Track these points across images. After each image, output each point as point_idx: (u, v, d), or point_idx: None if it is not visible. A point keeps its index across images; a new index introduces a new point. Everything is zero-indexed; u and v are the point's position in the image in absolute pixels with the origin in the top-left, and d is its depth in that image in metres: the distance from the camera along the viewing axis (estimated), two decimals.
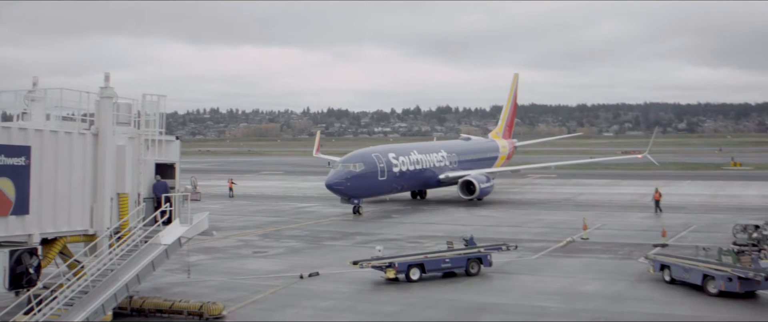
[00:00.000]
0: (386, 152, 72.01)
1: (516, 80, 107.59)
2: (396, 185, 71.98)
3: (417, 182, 76.20)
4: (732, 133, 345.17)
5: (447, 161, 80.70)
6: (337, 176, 66.01)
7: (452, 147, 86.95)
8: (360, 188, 66.58)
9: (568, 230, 53.28)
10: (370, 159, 68.71)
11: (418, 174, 74.91)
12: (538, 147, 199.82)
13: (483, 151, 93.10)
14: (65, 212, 29.23)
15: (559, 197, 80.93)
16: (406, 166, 72.54)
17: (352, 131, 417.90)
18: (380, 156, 69.89)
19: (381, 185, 69.27)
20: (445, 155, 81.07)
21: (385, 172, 69.00)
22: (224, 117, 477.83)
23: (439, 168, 78.85)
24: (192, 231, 31.41)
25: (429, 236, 51.66)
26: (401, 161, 72.14)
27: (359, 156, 69.48)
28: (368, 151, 72.18)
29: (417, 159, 75.17)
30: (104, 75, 31.69)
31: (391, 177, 69.79)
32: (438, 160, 79.32)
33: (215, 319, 29.64)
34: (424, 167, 76.21)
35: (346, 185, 65.55)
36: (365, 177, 66.79)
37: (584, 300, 32.06)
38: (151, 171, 32.70)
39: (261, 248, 48.03)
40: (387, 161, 69.90)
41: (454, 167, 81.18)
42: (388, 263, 36.28)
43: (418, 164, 75.13)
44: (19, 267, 26.27)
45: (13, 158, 26.78)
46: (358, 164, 67.01)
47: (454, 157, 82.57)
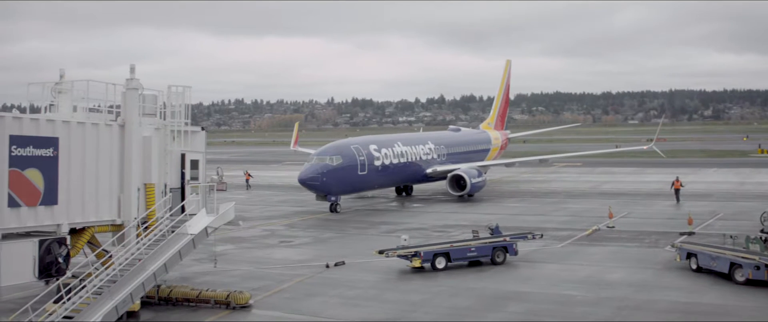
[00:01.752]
0: (367, 144, 65.83)
1: (508, 67, 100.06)
2: (378, 180, 66.36)
3: (401, 176, 70.45)
4: (758, 120, 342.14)
5: (435, 154, 74.82)
6: (311, 171, 60.05)
7: (440, 139, 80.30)
8: (337, 184, 60.82)
9: (593, 219, 53.11)
10: (349, 151, 62.66)
11: (402, 168, 68.99)
12: (560, 135, 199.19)
13: (474, 144, 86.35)
14: (93, 202, 29.52)
15: (584, 185, 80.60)
16: (389, 159, 66.59)
17: (376, 121, 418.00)
18: (360, 148, 63.91)
19: (361, 181, 63.40)
20: (432, 148, 75.03)
21: (366, 166, 63.03)
22: (249, 108, 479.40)
23: (426, 162, 72.95)
24: (218, 221, 31.63)
25: (455, 225, 51.67)
26: (384, 153, 66.18)
27: (336, 148, 63.39)
28: (347, 142, 66.99)
29: (401, 152, 69.09)
30: (130, 67, 31.94)
31: (372, 171, 63.95)
32: (424, 152, 73.27)
33: (242, 308, 29.81)
34: (410, 161, 70.16)
35: (321, 180, 59.64)
36: (343, 171, 60.87)
37: (610, 289, 31.96)
38: (177, 162, 32.88)
39: (287, 238, 48.21)
40: (368, 154, 63.88)
41: (443, 161, 75.35)
42: (413, 252, 36.33)
43: (403, 157, 69.02)
44: (48, 256, 26.57)
45: (41, 150, 27.06)
46: (335, 157, 60.87)
47: (442, 150, 76.50)
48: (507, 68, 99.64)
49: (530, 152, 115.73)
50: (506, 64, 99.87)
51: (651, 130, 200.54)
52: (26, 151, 26.48)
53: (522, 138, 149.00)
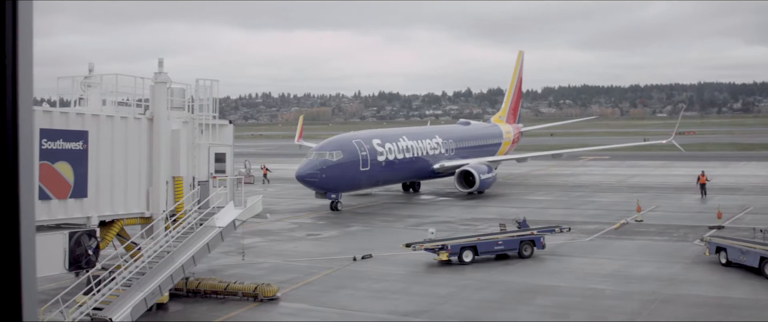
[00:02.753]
0: (370, 138, 62.27)
1: (520, 58, 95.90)
2: (381, 177, 62.72)
3: (407, 172, 66.98)
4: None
5: (442, 149, 70.99)
6: (309, 166, 56.87)
7: (448, 133, 76.75)
8: (337, 181, 57.43)
9: (621, 212, 52.80)
10: (350, 146, 59.17)
11: (408, 164, 65.49)
12: (589, 128, 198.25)
13: (484, 138, 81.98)
14: (122, 195, 29.76)
15: (611, 179, 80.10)
16: (393, 154, 63.07)
17: (403, 114, 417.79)
18: (362, 143, 60.24)
19: (363, 177, 59.77)
20: (439, 142, 71.15)
21: (368, 161, 59.40)
22: (276, 101, 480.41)
23: (434, 157, 69.30)
24: (246, 214, 31.79)
25: (482, 219, 51.57)
26: (388, 148, 62.67)
27: (337, 143, 60.17)
28: (348, 136, 63.28)
29: (407, 146, 65.52)
30: (158, 61, 32.16)
31: (375, 167, 60.34)
32: (432, 147, 69.51)
33: (270, 300, 29.94)
34: (416, 156, 66.60)
35: (320, 176, 56.19)
36: (344, 167, 57.40)
37: (639, 283, 31.79)
38: (205, 155, 33.03)
39: (314, 231, 48.33)
40: (370, 149, 60.37)
41: (451, 156, 71.57)
42: (440, 245, 36.31)
43: (409, 152, 65.42)
44: (78, 249, 26.81)
45: (71, 143, 27.29)
46: (336, 152, 57.47)
47: (450, 145, 72.70)
48: (519, 59, 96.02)
49: (547, 146, 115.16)
50: (518, 55, 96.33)
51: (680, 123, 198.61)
52: (56, 145, 26.70)
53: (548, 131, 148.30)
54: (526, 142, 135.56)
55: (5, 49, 2.30)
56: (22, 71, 2.33)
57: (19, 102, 2.32)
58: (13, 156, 2.30)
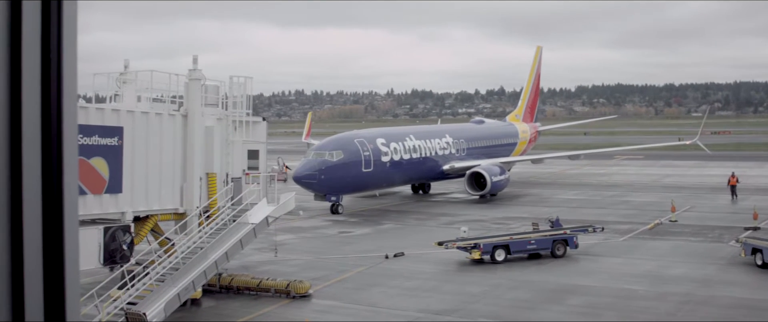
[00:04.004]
0: (374, 138, 58.99)
1: (538, 54, 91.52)
2: (386, 178, 59.45)
3: (414, 173, 63.66)
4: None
5: (453, 149, 67.35)
6: (307, 167, 53.88)
7: (460, 132, 72.87)
8: (337, 182, 54.30)
9: (655, 213, 52.36)
10: (352, 146, 56.01)
11: (415, 165, 62.15)
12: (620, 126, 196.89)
13: (498, 137, 78.01)
14: (156, 191, 29.97)
15: (645, 178, 79.50)
16: (399, 154, 59.71)
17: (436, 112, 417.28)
18: (365, 142, 57.06)
19: (366, 178, 56.51)
20: (450, 142, 67.47)
21: (371, 162, 56.08)
22: (309, 99, 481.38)
23: (443, 157, 65.77)
24: (279, 211, 31.94)
25: (514, 217, 51.41)
26: (393, 148, 59.27)
27: (338, 142, 56.85)
28: (350, 135, 59.78)
29: (414, 146, 62.08)
30: (193, 58, 32.31)
31: (379, 168, 56.99)
32: (441, 147, 65.93)
33: (302, 297, 30.04)
34: (424, 156, 63.15)
35: (318, 178, 53.04)
36: (344, 168, 54.32)
37: (673, 284, 31.54)
38: (239, 151, 33.18)
39: (347, 228, 48.41)
40: (374, 149, 57.15)
41: (462, 156, 67.83)
42: (473, 244, 36.24)
43: (416, 152, 62.01)
44: (113, 244, 27.04)
45: (106, 139, 27.51)
46: (336, 152, 54.39)
47: (461, 144, 68.94)
48: (537, 55, 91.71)
49: (581, 145, 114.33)
50: (536, 51, 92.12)
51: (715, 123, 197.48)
52: (92, 140, 26.93)
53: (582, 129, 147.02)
54: (559, 140, 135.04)
55: (50, 48, 2.32)
56: (67, 70, 2.35)
57: (63, 100, 2.35)
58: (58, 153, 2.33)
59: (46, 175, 2.36)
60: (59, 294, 2.42)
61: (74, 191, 2.44)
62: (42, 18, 2.36)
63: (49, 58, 2.37)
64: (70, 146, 2.40)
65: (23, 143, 2.32)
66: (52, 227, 2.39)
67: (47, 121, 2.35)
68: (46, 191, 2.37)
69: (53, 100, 2.37)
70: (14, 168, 2.31)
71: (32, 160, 2.34)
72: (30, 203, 2.33)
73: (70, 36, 2.40)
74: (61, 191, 2.38)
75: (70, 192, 2.41)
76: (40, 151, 2.36)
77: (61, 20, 2.37)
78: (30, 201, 2.33)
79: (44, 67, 2.37)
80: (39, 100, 2.37)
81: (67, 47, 2.39)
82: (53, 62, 2.37)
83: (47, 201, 2.36)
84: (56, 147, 2.36)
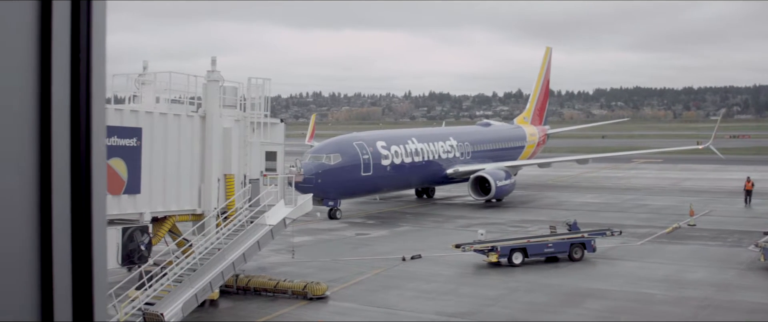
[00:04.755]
0: (374, 141, 57.09)
1: (548, 55, 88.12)
2: (385, 182, 57.57)
3: (416, 178, 61.72)
4: None
5: (457, 152, 65.39)
6: (304, 171, 50.16)
7: (464, 135, 70.28)
8: (335, 186, 52.64)
9: (674, 216, 52.12)
10: (351, 149, 54.32)
11: (417, 168, 60.23)
12: (639, 129, 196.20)
13: (505, 140, 75.62)
14: (174, 192, 30.06)
15: (664, 182, 79.14)
16: (400, 157, 57.80)
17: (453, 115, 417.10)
18: (364, 145, 55.26)
19: (364, 182, 54.82)
20: (454, 145, 65.36)
21: (371, 165, 54.44)
22: (326, 101, 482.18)
23: (447, 161, 63.73)
24: (296, 212, 32.01)
25: (532, 221, 51.29)
26: (394, 151, 57.37)
27: (336, 145, 55.34)
28: (349, 138, 57.99)
29: (416, 149, 60.07)
30: (211, 59, 32.40)
31: (378, 172, 55.21)
32: (445, 150, 63.88)
33: (319, 299, 30.05)
34: (427, 160, 61.26)
35: (315, 181, 50.24)
36: (342, 172, 52.80)
37: (691, 288, 31.39)
38: (256, 153, 33.24)
39: (364, 231, 48.42)
40: (374, 152, 55.33)
41: (467, 160, 66.01)
42: (490, 246, 36.16)
43: (418, 156, 60.13)
44: (131, 244, 27.13)
45: (125, 139, 27.61)
46: (334, 155, 52.88)
47: (466, 148, 66.87)
48: (546, 56, 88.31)
49: (599, 148, 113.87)
50: (545, 52, 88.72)
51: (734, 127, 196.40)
52: (111, 141, 27.03)
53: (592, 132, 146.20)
54: (576, 143, 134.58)
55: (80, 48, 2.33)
56: (96, 71, 2.35)
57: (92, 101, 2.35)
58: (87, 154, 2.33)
59: (75, 175, 2.36)
60: (87, 294, 2.43)
61: (102, 192, 2.45)
62: (71, 18, 2.36)
63: (79, 59, 2.37)
64: (98, 147, 2.41)
65: (52, 143, 2.32)
66: (81, 227, 2.39)
67: (76, 121, 2.35)
68: (75, 191, 2.37)
69: (82, 100, 2.37)
70: (44, 168, 2.32)
71: (61, 160, 2.35)
72: (59, 204, 2.34)
73: (99, 36, 2.40)
74: (90, 191, 2.39)
75: (98, 193, 2.41)
76: (69, 152, 2.36)
77: (90, 20, 2.37)
78: (59, 202, 2.33)
79: (74, 67, 2.38)
80: (68, 100, 2.38)
81: (96, 47, 2.40)
82: (83, 62, 2.37)
83: (76, 202, 2.37)
84: (85, 148, 2.36)
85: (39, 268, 2.34)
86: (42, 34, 2.31)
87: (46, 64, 2.32)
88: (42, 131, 2.31)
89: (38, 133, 2.31)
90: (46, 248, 2.34)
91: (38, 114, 2.31)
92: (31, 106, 2.30)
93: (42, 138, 2.31)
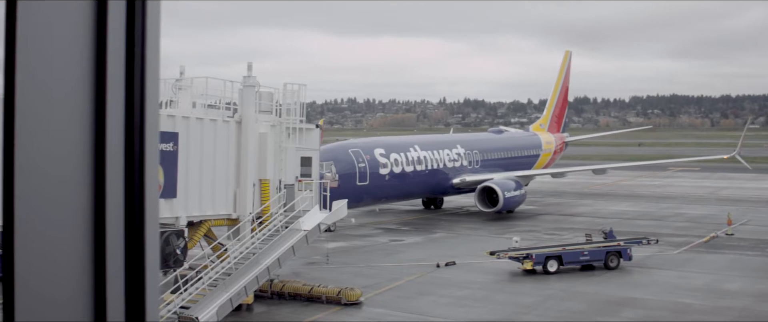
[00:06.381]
0: (372, 148, 53.52)
1: (567, 59, 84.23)
2: (384, 192, 53.38)
3: (419, 187, 57.96)
4: None
5: (465, 161, 61.74)
6: None
7: (473, 142, 66.59)
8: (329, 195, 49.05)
9: (711, 225, 51.55)
10: (346, 157, 50.60)
11: (420, 178, 56.67)
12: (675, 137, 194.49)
13: (518, 149, 71.87)
14: (210, 197, 30.20)
15: (701, 191, 78.34)
16: (400, 166, 54.39)
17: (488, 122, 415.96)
18: (361, 153, 51.66)
19: (360, 192, 50.32)
20: (461, 153, 61.78)
21: (367, 174, 50.81)
22: (361, 107, 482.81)
23: (453, 170, 60.19)
24: (331, 218, 32.04)
25: (567, 228, 50.99)
26: (394, 159, 53.95)
27: (330, 153, 49.99)
28: (344, 145, 54.38)
29: (418, 157, 56.55)
30: (247, 65, 32.55)
31: (376, 181, 51.53)
32: (451, 158, 60.28)
33: (353, 305, 30.06)
34: (431, 168, 57.72)
35: None
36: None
37: (729, 298, 31.04)
38: (292, 158, 33.31)
39: (398, 237, 48.39)
40: (371, 160, 51.79)
41: (475, 169, 62.44)
42: (525, 254, 35.99)
43: (421, 164, 56.61)
44: (167, 248, 27.29)
45: (162, 144, 27.75)
46: (327, 164, 47.45)
47: (475, 156, 63.29)
48: (565, 60, 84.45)
49: (621, 157, 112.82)
50: (565, 56, 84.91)
51: None
52: None
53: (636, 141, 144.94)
54: (612, 152, 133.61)
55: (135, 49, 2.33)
56: (150, 72, 2.36)
57: (146, 102, 2.36)
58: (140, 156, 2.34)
59: (129, 177, 2.37)
60: (139, 295, 2.44)
61: (155, 194, 2.46)
62: (126, 18, 2.38)
63: (133, 59, 2.38)
64: (151, 149, 2.42)
65: (107, 145, 2.33)
66: (134, 229, 2.40)
67: (130, 123, 2.36)
68: (129, 193, 2.38)
69: (136, 101, 2.38)
70: (98, 170, 2.33)
71: (115, 162, 2.36)
72: (113, 206, 2.35)
73: (153, 37, 2.41)
74: (143, 193, 2.39)
75: (151, 195, 2.42)
76: (123, 154, 2.37)
77: (145, 21, 2.38)
78: (113, 203, 2.35)
79: (128, 68, 2.39)
80: (123, 101, 2.39)
81: (150, 48, 2.41)
82: (137, 63, 2.38)
83: (129, 203, 2.38)
84: (139, 150, 2.37)
85: (92, 268, 2.35)
86: (98, 34, 2.32)
87: (101, 65, 2.33)
88: (97, 132, 2.33)
89: (93, 133, 2.32)
90: (99, 248, 2.35)
91: (93, 115, 2.32)
92: (86, 106, 2.32)
93: (96, 138, 2.32)
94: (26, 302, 2.32)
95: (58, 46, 2.27)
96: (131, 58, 2.34)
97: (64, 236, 2.29)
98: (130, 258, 2.37)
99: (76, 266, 2.31)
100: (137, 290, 2.39)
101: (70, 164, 2.27)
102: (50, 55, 2.28)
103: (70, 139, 2.27)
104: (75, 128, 2.27)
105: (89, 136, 2.28)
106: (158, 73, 2.44)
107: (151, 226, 2.40)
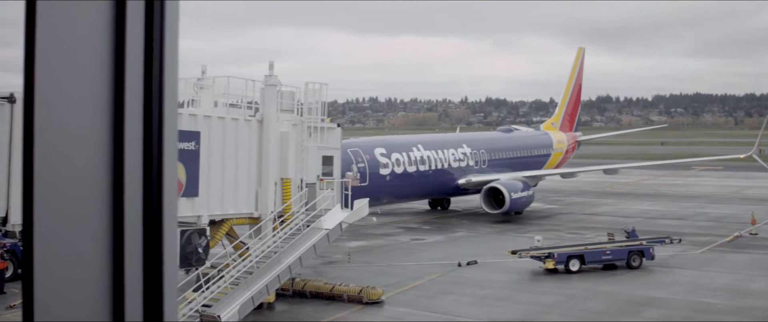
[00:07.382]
0: (372, 147, 51.56)
1: (580, 56, 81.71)
2: (384, 194, 50.72)
3: (422, 188, 56.02)
4: None
5: (471, 161, 59.65)
6: None
7: (480, 141, 64.38)
8: None
9: (735, 225, 51.20)
10: (344, 156, 44.75)
11: (423, 178, 54.78)
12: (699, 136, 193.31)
13: (527, 148, 69.47)
14: (232, 196, 30.29)
15: (724, 190, 77.81)
16: (402, 166, 52.45)
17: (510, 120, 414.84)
18: (360, 152, 49.53)
19: (360, 194, 45.91)
20: (467, 152, 59.65)
21: (366, 175, 48.27)
22: (383, 106, 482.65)
23: (459, 170, 58.20)
24: (353, 216, 32.05)
25: (589, 228, 50.79)
26: (395, 159, 52.06)
27: None
28: (343, 144, 49.61)
29: (421, 157, 54.65)
30: (269, 64, 32.61)
31: (376, 182, 49.05)
32: (456, 158, 58.19)
33: (374, 303, 30.07)
34: (434, 169, 55.73)
35: None
36: None
37: (753, 298, 30.83)
38: (313, 157, 33.35)
39: (419, 236, 48.36)
40: (371, 160, 49.81)
41: (482, 169, 60.31)
42: (547, 253, 35.87)
43: (424, 164, 54.69)
44: (189, 246, 27.37)
45: (183, 143, 27.85)
46: None
47: (482, 155, 61.14)
48: (579, 58, 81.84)
49: (643, 156, 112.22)
50: (578, 53, 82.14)
51: None
52: None
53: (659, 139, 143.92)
54: (633, 151, 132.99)
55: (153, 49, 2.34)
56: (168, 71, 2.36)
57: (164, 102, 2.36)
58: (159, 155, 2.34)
59: (147, 176, 2.38)
60: (158, 295, 2.44)
61: (173, 194, 2.46)
62: (145, 18, 2.38)
63: (152, 59, 2.39)
64: (170, 148, 2.42)
65: (125, 144, 2.34)
66: (153, 228, 2.41)
67: (149, 122, 2.37)
68: (147, 192, 2.39)
69: (155, 101, 2.38)
70: (117, 169, 2.34)
71: (134, 162, 2.37)
72: (131, 205, 2.35)
73: (172, 37, 2.41)
74: (161, 193, 2.40)
75: (169, 194, 2.42)
76: (142, 153, 2.38)
77: (163, 20, 2.39)
78: (131, 203, 2.35)
79: (147, 67, 2.39)
80: (141, 101, 2.39)
81: (169, 48, 2.41)
82: (155, 63, 2.39)
83: (148, 203, 2.38)
84: (158, 149, 2.38)
85: (111, 268, 2.36)
86: (116, 34, 2.33)
87: (120, 64, 2.34)
88: (115, 131, 2.33)
89: (112, 133, 2.33)
90: (118, 248, 2.36)
91: (112, 114, 2.33)
92: (105, 105, 2.33)
93: (115, 138, 2.33)
94: (45, 301, 2.33)
95: (77, 45, 2.28)
96: (150, 58, 2.35)
97: (82, 236, 2.30)
98: (148, 258, 2.38)
99: (94, 266, 2.32)
100: (155, 289, 2.40)
101: (88, 163, 2.28)
102: (69, 55, 2.29)
103: (89, 139, 2.28)
104: (94, 128, 2.28)
105: (108, 135, 2.29)
106: (177, 72, 2.44)
107: (169, 226, 2.40)
